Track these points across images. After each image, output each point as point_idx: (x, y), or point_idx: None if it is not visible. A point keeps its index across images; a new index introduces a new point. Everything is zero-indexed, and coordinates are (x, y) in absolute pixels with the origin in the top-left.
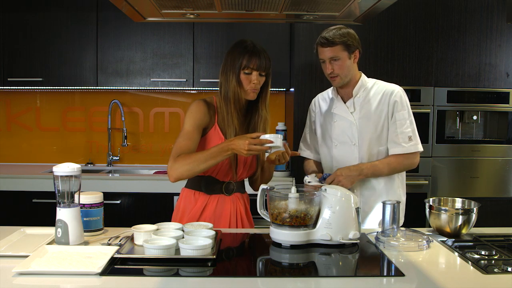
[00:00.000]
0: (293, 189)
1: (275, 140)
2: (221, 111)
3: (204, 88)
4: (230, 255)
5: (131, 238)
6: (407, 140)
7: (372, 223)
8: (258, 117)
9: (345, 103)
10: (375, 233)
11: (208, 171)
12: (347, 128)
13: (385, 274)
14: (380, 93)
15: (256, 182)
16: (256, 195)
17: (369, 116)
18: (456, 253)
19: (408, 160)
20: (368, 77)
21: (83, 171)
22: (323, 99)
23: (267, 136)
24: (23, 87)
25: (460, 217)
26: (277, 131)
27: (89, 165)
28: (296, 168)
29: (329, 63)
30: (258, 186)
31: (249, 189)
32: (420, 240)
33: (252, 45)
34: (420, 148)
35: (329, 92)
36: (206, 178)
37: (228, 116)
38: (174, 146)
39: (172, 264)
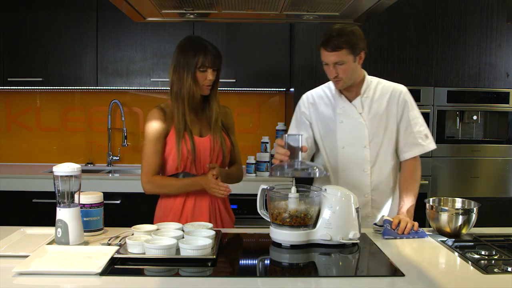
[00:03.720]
0: (293, 189)
1: None
2: (175, 111)
3: None
4: (230, 255)
5: None
6: (425, 138)
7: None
8: (210, 111)
9: (350, 102)
10: None
11: (181, 167)
12: (356, 130)
13: (385, 274)
14: (387, 92)
15: None
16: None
17: (379, 117)
18: (456, 253)
19: (419, 163)
20: None
21: (83, 171)
22: (319, 96)
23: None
24: (23, 87)
25: (460, 217)
26: (277, 131)
27: (89, 165)
28: None
29: (333, 67)
30: None
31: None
32: None
33: (204, 43)
34: (435, 145)
35: (325, 90)
36: (183, 175)
37: (179, 114)
38: (143, 160)
39: (172, 264)
